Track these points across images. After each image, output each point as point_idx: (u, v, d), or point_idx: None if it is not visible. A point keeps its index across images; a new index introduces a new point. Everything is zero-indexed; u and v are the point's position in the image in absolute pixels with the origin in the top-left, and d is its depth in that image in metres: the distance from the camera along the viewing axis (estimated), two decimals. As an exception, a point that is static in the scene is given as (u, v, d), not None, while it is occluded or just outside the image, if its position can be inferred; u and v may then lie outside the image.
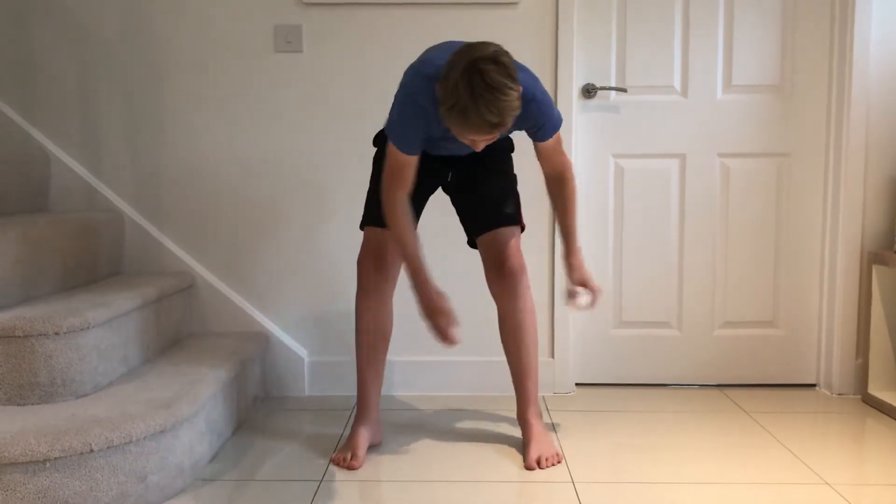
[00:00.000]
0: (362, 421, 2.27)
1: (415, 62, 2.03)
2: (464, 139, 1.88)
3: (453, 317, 2.02)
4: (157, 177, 2.84)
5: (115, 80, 2.82)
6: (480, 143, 1.89)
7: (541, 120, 2.04)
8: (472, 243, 2.32)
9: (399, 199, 2.05)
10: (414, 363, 2.88)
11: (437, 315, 2.02)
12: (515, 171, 2.33)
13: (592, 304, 2.15)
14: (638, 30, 2.87)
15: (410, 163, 2.03)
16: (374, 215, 2.23)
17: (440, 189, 2.35)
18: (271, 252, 2.86)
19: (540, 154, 2.16)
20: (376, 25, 2.79)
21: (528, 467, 2.17)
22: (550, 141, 2.12)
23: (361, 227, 2.28)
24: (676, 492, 2.00)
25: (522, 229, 2.29)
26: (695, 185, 2.93)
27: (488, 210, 2.24)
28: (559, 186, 2.20)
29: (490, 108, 1.75)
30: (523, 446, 2.28)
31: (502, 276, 2.20)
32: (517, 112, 1.81)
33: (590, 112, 2.90)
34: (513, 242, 2.22)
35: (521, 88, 1.81)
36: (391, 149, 2.03)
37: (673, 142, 2.91)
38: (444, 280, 2.81)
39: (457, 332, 2.02)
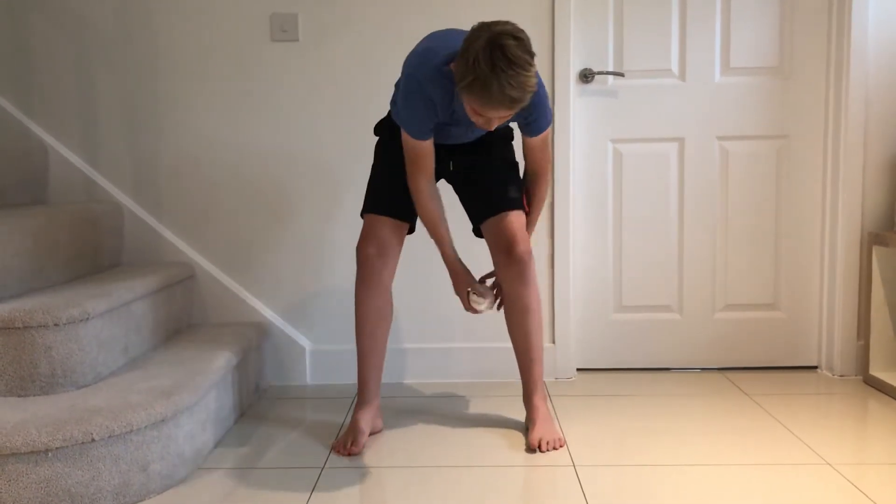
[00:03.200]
0: (363, 408, 2.28)
1: (417, 51, 2.03)
2: (478, 118, 1.88)
3: (479, 290, 2.20)
4: (155, 167, 2.84)
5: (113, 71, 2.81)
6: (495, 121, 1.89)
7: (535, 113, 2.06)
8: (476, 231, 2.32)
9: (424, 187, 2.12)
10: (415, 350, 2.89)
11: (463, 290, 2.23)
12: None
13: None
14: (635, 13, 2.86)
15: (427, 148, 2.07)
16: (373, 203, 2.24)
17: (443, 180, 2.36)
18: (271, 241, 2.86)
19: (526, 148, 2.19)
20: (372, 13, 2.78)
21: (531, 447, 2.18)
22: (539, 137, 2.14)
23: (361, 215, 2.28)
24: (678, 475, 2.01)
25: (527, 213, 2.29)
26: (694, 169, 2.92)
27: (493, 195, 2.24)
28: (535, 184, 2.27)
29: (511, 82, 1.76)
30: (526, 429, 2.29)
31: (512, 261, 2.21)
32: (534, 90, 1.82)
33: (588, 97, 2.89)
34: (519, 227, 2.23)
35: (536, 68, 1.82)
36: (405, 138, 2.06)
37: (672, 126, 2.90)
38: (443, 271, 2.81)
39: (484, 302, 2.22)
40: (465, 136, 2.19)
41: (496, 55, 1.75)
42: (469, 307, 2.24)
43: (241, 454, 2.19)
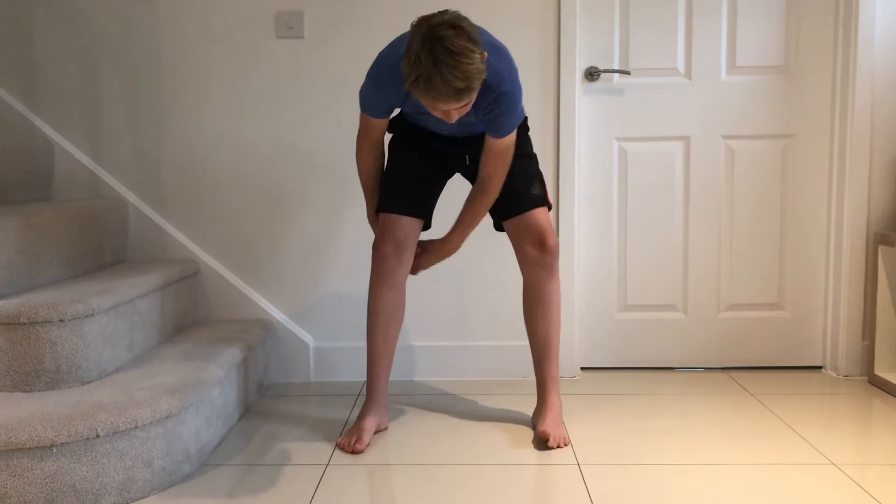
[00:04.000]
0: (370, 406, 2.28)
1: (397, 37, 2.07)
2: (435, 112, 1.87)
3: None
4: (160, 164, 2.84)
5: (117, 67, 2.81)
6: (453, 113, 1.88)
7: (500, 115, 2.01)
8: (497, 226, 2.32)
9: (367, 148, 2.22)
10: (421, 347, 2.89)
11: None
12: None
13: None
14: (641, 11, 2.86)
15: (377, 124, 2.17)
16: (389, 201, 2.24)
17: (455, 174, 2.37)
18: (276, 238, 2.86)
19: (483, 151, 2.13)
20: (377, 9, 2.78)
21: (540, 437, 2.19)
22: (499, 142, 2.09)
23: (376, 213, 2.27)
24: (682, 474, 2.00)
25: (550, 208, 2.29)
26: (699, 168, 2.92)
27: (516, 193, 2.22)
28: (476, 193, 2.19)
29: (455, 73, 1.74)
30: (534, 422, 2.30)
31: (544, 254, 2.22)
32: (483, 76, 1.81)
33: (593, 95, 2.89)
34: (547, 222, 2.25)
35: (483, 52, 1.80)
36: (362, 112, 2.16)
37: (677, 124, 2.90)
38: (457, 267, 2.81)
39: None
40: (451, 127, 2.18)
41: (436, 49, 1.74)
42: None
43: (245, 450, 2.19)
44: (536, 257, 2.23)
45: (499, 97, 1.99)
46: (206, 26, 2.79)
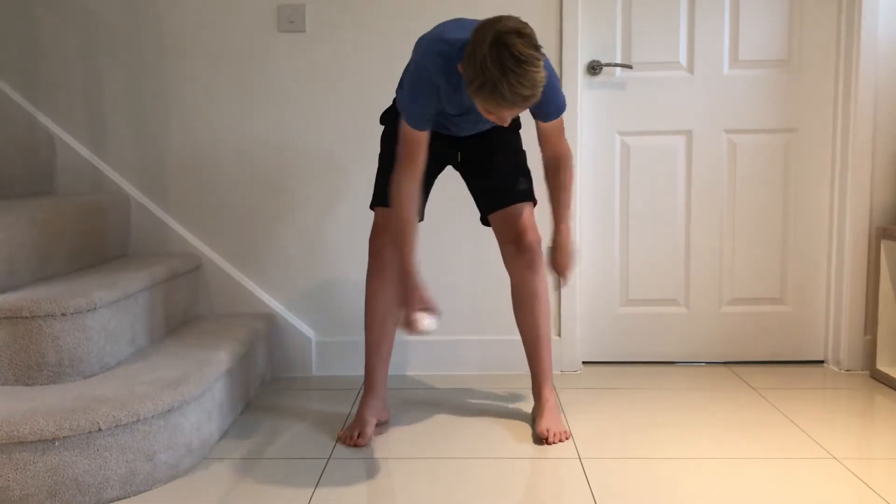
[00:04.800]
0: (370, 400, 2.28)
1: (428, 36, 2.00)
2: (491, 116, 1.86)
3: (429, 306, 1.97)
4: (162, 158, 2.84)
5: (120, 62, 2.81)
6: (509, 117, 1.88)
7: (549, 102, 2.03)
8: (485, 221, 2.32)
9: (407, 185, 2.02)
10: (422, 342, 2.89)
11: (412, 304, 1.98)
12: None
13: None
14: (644, 5, 2.85)
15: (422, 139, 2.00)
16: (383, 194, 2.22)
17: (449, 168, 2.35)
18: (278, 233, 2.86)
19: (541, 136, 2.15)
20: (380, 4, 2.77)
21: (539, 437, 2.19)
22: (553, 124, 2.11)
23: (372, 207, 2.27)
24: (684, 468, 2.00)
25: (535, 204, 2.28)
26: (701, 162, 2.91)
27: (501, 187, 2.24)
28: (556, 172, 2.19)
29: (522, 81, 1.73)
30: (533, 418, 2.29)
31: (521, 251, 2.22)
32: (545, 82, 1.80)
33: (595, 89, 2.88)
34: (529, 218, 2.24)
35: (545, 58, 1.80)
36: (403, 126, 2.01)
37: (679, 118, 2.89)
38: (452, 261, 2.82)
39: (428, 322, 1.94)
40: (476, 128, 2.19)
41: (504, 56, 1.72)
42: (414, 327, 1.94)
43: (247, 444, 2.19)
44: (516, 254, 2.23)
45: (547, 87, 1.96)
46: (207, 20, 2.79)
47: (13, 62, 2.82)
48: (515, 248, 2.22)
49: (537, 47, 1.78)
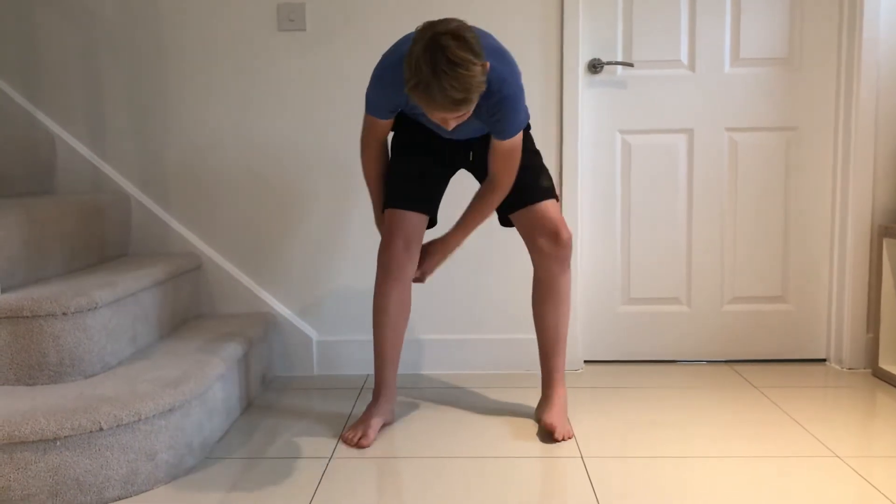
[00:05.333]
0: (378, 402, 2.27)
1: (402, 37, 2.04)
2: (433, 117, 1.87)
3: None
4: (162, 158, 2.84)
5: (120, 61, 2.81)
6: (451, 121, 1.88)
7: (501, 112, 2.00)
8: (503, 221, 2.31)
9: (372, 149, 2.21)
10: (427, 341, 2.88)
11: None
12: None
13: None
14: (645, 3, 2.84)
15: (381, 125, 2.16)
16: (396, 197, 2.22)
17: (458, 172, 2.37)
18: (279, 232, 2.86)
19: (490, 152, 2.12)
20: (380, 3, 2.77)
21: (547, 430, 2.20)
22: (504, 143, 2.08)
23: (383, 210, 2.26)
24: (686, 466, 2.00)
25: (558, 201, 2.28)
26: (702, 160, 2.91)
27: (524, 186, 2.21)
28: (482, 196, 2.18)
29: (453, 83, 1.74)
30: (539, 414, 2.29)
31: (558, 246, 2.22)
32: (482, 88, 1.80)
33: (596, 87, 2.88)
34: (559, 214, 2.24)
35: (485, 64, 1.79)
36: (364, 113, 2.15)
37: (680, 117, 2.89)
38: (457, 260, 2.81)
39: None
40: (450, 132, 2.18)
41: (436, 57, 1.73)
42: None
43: (248, 444, 2.19)
44: (551, 250, 2.23)
45: (501, 100, 1.98)
46: (207, 19, 2.79)
47: (13, 61, 2.82)
48: (551, 242, 2.22)
49: (475, 52, 1.77)
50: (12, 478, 1.70)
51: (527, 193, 2.22)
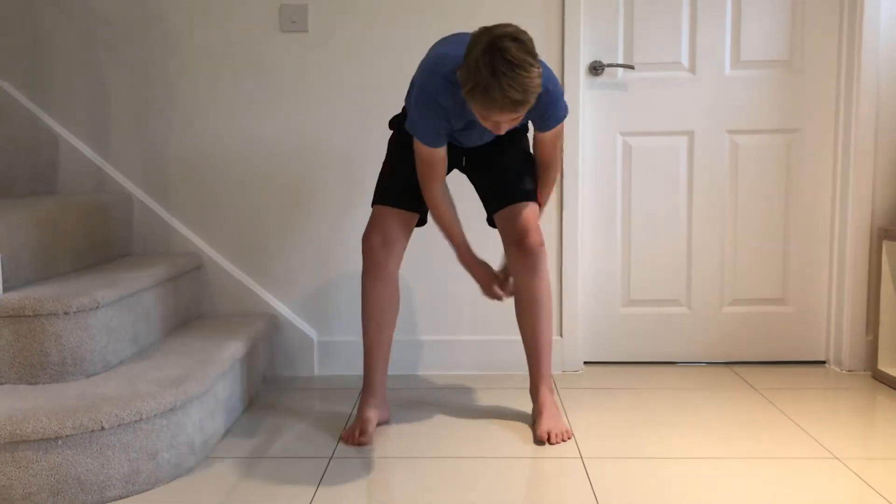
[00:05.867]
0: (370, 399, 2.28)
1: (429, 57, 2.05)
2: (487, 122, 1.88)
3: (499, 279, 2.28)
4: (164, 158, 2.85)
5: (123, 62, 2.82)
6: (504, 125, 1.89)
7: (548, 111, 2.06)
8: (490, 221, 2.32)
9: (438, 191, 2.15)
10: (423, 342, 2.89)
11: (487, 283, 2.27)
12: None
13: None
14: (646, 5, 2.85)
15: (440, 155, 2.10)
16: (382, 194, 2.25)
17: (455, 172, 2.37)
18: (280, 232, 2.87)
19: (536, 141, 2.19)
20: (382, 4, 2.78)
21: (539, 439, 2.18)
22: (551, 132, 2.15)
23: (372, 205, 2.28)
24: (685, 468, 2.01)
25: (540, 206, 2.29)
26: (703, 162, 2.91)
27: (507, 186, 2.23)
28: (544, 171, 2.26)
29: (513, 84, 1.76)
30: (533, 421, 2.29)
31: (523, 252, 2.20)
32: (539, 89, 1.83)
33: (597, 89, 2.88)
34: (533, 218, 2.22)
35: (541, 66, 1.82)
36: (418, 146, 2.08)
37: (681, 119, 2.90)
38: (453, 260, 2.82)
39: (504, 288, 2.29)
40: (481, 140, 2.21)
41: (496, 59, 1.76)
42: (495, 295, 2.29)
43: (249, 444, 2.20)
44: (517, 257, 2.21)
45: (547, 97, 2.00)
46: (210, 20, 2.80)
47: (17, 61, 2.83)
48: (518, 250, 2.20)
49: (533, 54, 1.80)
50: (14, 476, 1.71)
51: (509, 193, 2.24)
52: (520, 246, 2.20)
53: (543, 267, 2.23)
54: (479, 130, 2.13)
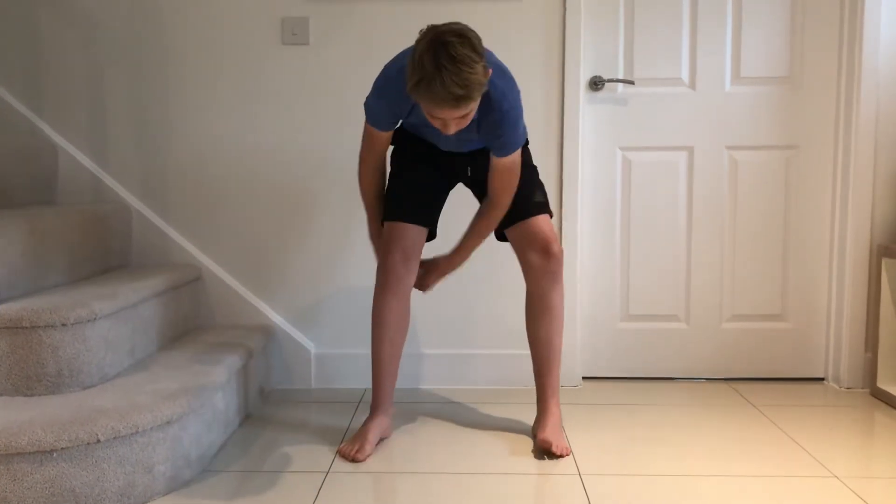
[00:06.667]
0: (376, 416, 2.27)
1: (401, 51, 2.08)
2: (435, 121, 1.89)
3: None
4: (164, 169, 2.85)
5: (123, 72, 2.82)
6: (451, 124, 1.89)
7: (500, 130, 2.04)
8: (499, 236, 2.32)
9: (370, 166, 2.23)
10: (425, 356, 2.88)
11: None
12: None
13: None
14: (646, 22, 2.86)
15: (381, 137, 2.18)
16: (395, 210, 2.24)
17: (460, 186, 2.38)
18: (279, 245, 2.86)
19: (490, 171, 2.15)
20: (381, 17, 2.78)
21: (541, 448, 2.18)
22: (504, 160, 2.11)
23: (382, 222, 2.27)
24: (684, 485, 2.00)
25: (551, 216, 2.29)
26: (703, 178, 2.91)
27: (518, 200, 2.22)
28: (483, 211, 2.23)
29: (455, 79, 1.77)
30: (534, 431, 2.29)
31: (549, 261, 2.23)
32: (483, 87, 1.84)
33: (597, 104, 2.89)
34: (551, 230, 2.25)
35: (486, 65, 1.83)
36: (366, 124, 2.16)
37: (681, 134, 2.90)
38: (463, 277, 2.81)
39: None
40: (459, 147, 2.20)
41: (440, 53, 1.77)
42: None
43: (245, 457, 2.19)
44: (541, 265, 2.23)
45: (501, 116, 2.01)
46: (211, 32, 2.80)
47: (16, 70, 2.83)
48: (543, 258, 2.22)
49: (477, 51, 1.81)
50: (9, 489, 1.70)
51: (522, 208, 2.23)
52: (546, 254, 2.22)
53: (561, 277, 2.27)
54: (455, 136, 2.13)
